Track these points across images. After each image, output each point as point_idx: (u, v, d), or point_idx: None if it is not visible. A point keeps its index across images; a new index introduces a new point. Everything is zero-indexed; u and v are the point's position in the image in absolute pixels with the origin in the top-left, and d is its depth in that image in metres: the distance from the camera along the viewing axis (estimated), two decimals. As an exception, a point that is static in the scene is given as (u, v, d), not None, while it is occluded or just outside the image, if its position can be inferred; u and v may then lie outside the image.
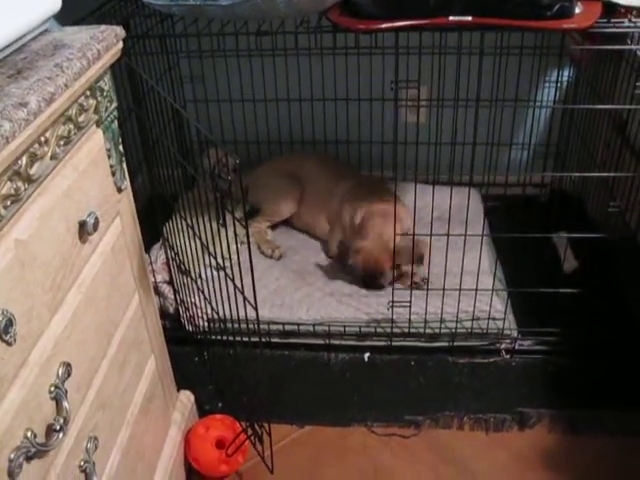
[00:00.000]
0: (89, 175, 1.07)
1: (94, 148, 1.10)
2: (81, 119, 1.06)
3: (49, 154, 0.95)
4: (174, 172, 1.58)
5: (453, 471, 1.60)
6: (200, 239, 1.47)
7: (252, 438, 1.51)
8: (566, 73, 2.29)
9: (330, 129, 2.46)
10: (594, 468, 1.59)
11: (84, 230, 1.03)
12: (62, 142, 0.99)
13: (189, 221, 1.56)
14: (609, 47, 1.67)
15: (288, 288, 2.06)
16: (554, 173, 2.42)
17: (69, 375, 0.97)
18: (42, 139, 0.92)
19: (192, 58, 2.38)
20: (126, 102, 1.63)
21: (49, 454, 0.93)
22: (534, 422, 1.71)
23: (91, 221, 1.03)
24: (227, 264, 1.60)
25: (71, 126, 1.02)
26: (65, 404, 0.94)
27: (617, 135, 1.89)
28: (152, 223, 1.85)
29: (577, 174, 2.09)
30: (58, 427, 0.92)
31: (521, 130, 2.43)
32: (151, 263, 1.93)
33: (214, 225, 1.31)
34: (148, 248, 2.09)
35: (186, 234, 1.62)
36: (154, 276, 1.92)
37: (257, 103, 2.44)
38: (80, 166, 1.04)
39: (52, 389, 0.93)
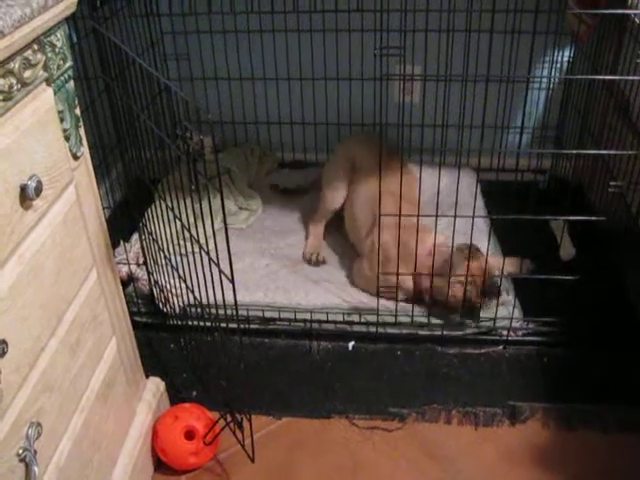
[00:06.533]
0: (34, 136, 0.98)
1: (41, 108, 1.01)
2: (27, 75, 0.97)
3: (-17, 108, 0.86)
4: (152, 154, 1.46)
5: (438, 468, 1.50)
6: (180, 219, 1.37)
7: (231, 425, 1.42)
8: (566, 53, 2.18)
9: (320, 110, 2.35)
10: (589, 466, 1.49)
11: (25, 195, 0.94)
12: (0, 97, 0.90)
13: (169, 203, 1.46)
14: (607, 11, 1.56)
15: (279, 273, 1.98)
16: (554, 150, 2.30)
17: (4, 353, 0.88)
18: (-27, 90, 0.83)
19: (177, 34, 2.29)
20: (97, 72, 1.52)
21: (-22, 440, 0.84)
22: (527, 416, 1.61)
23: (32, 184, 0.93)
24: (211, 246, 1.50)
25: (13, 80, 0.93)
26: (-4, 385, 0.85)
27: (619, 115, 1.79)
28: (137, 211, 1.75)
29: (576, 151, 1.98)
30: (-14, 410, 0.83)
31: (518, 113, 2.31)
32: (126, 251, 1.84)
33: (197, 206, 1.22)
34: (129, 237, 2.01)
35: (167, 217, 1.51)
36: (128, 263, 1.84)
37: (244, 82, 2.34)
38: (22, 125, 0.95)
39: (-19, 367, 0.84)
